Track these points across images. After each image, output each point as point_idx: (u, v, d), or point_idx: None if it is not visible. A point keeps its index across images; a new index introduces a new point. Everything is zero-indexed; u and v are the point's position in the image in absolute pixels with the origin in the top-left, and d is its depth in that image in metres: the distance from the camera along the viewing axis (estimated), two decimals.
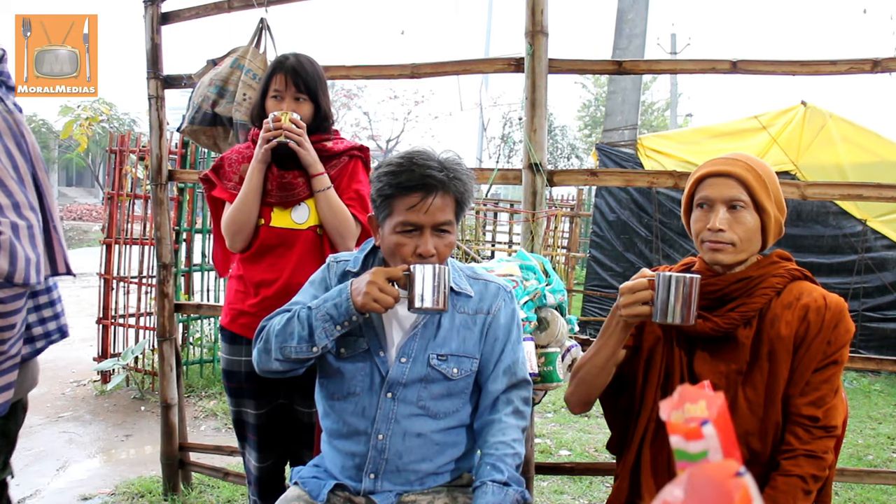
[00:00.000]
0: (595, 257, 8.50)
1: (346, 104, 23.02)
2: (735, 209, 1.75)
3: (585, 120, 27.36)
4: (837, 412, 1.75)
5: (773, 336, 1.75)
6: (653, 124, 28.04)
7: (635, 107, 10.91)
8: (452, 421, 1.92)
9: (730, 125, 7.99)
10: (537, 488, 3.83)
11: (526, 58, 2.77)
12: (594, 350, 1.85)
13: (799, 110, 7.41)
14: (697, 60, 2.76)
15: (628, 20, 10.95)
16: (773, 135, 7.40)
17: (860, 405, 6.06)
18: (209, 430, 4.84)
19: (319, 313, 1.81)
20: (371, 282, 1.74)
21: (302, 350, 1.83)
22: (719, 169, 1.77)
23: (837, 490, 4.03)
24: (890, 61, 2.57)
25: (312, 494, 1.90)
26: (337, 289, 1.84)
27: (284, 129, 2.40)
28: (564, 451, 4.56)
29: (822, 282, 6.16)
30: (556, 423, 5.15)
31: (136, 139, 5.98)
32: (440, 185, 1.80)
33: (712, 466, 0.60)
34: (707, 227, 1.76)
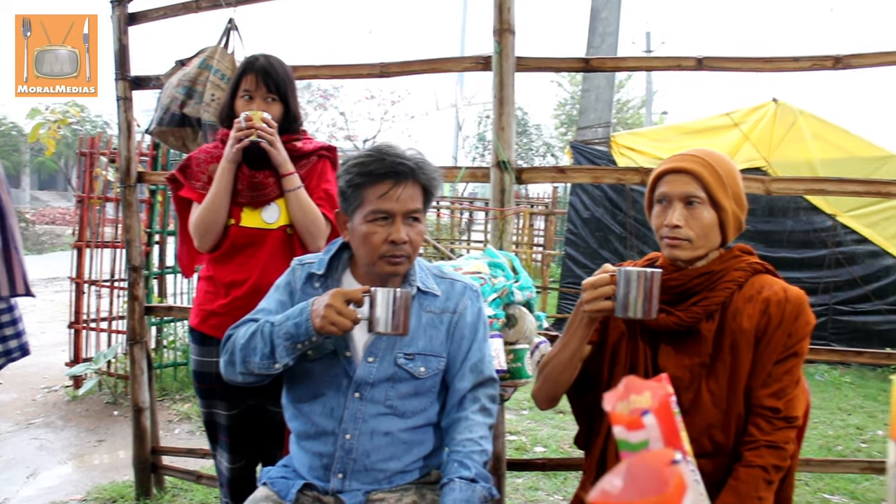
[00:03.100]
0: (570, 255, 8.53)
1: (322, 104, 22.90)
2: (692, 205, 1.77)
3: (561, 118, 27.40)
4: (798, 403, 1.77)
5: (735, 329, 1.77)
6: (628, 122, 28.18)
7: (609, 105, 10.98)
8: (420, 419, 1.93)
9: (702, 122, 8.06)
10: (512, 485, 3.85)
11: (494, 56, 2.78)
12: (559, 346, 1.86)
13: (770, 107, 7.50)
14: (664, 58, 2.78)
15: (601, 19, 11.00)
16: (745, 132, 7.48)
17: (831, 397, 6.15)
18: (183, 434, 4.81)
19: (281, 331, 1.81)
20: (329, 304, 1.74)
21: (264, 366, 1.85)
22: (676, 166, 1.79)
23: (807, 480, 4.09)
24: (851, 58, 2.61)
25: (281, 494, 1.90)
26: (299, 307, 1.83)
27: (257, 129, 2.40)
28: (539, 448, 4.58)
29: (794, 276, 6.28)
30: (531, 420, 5.17)
31: (107, 141, 5.93)
32: (410, 172, 1.83)
33: (650, 455, 0.61)
34: (664, 223, 1.78)
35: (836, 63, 2.62)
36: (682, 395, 1.77)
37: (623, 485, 0.60)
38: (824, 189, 2.69)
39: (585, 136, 10.24)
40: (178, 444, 4.34)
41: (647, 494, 0.58)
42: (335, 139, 21.18)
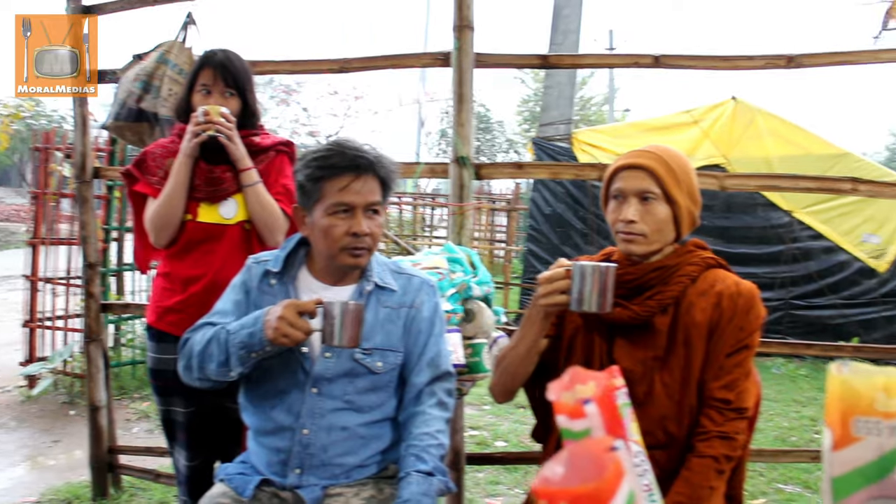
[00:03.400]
0: (531, 250, 8.58)
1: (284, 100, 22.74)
2: (646, 201, 1.79)
3: (525, 115, 27.53)
4: (749, 394, 1.81)
5: (688, 323, 1.80)
6: (591, 119, 28.38)
7: (571, 102, 11.06)
8: (377, 414, 1.94)
9: (663, 119, 8.16)
10: (473, 479, 3.87)
11: (453, 52, 2.80)
12: (516, 340, 1.88)
13: (729, 105, 7.61)
14: (622, 55, 2.82)
15: (564, 16, 11.07)
16: (705, 129, 7.59)
17: (786, 389, 6.26)
18: (142, 432, 4.76)
19: (236, 339, 1.82)
20: (281, 316, 1.74)
21: (220, 374, 1.87)
22: (631, 162, 1.81)
23: (762, 470, 4.16)
24: (803, 57, 2.66)
25: (238, 491, 1.90)
26: (253, 316, 1.84)
27: (215, 123, 2.38)
28: (500, 443, 4.60)
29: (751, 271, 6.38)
30: (492, 414, 5.20)
31: (63, 136, 5.83)
32: (369, 165, 1.85)
33: (590, 442, 0.63)
34: (619, 218, 1.80)
35: (789, 62, 2.68)
36: (637, 388, 1.80)
37: (564, 472, 0.61)
38: (777, 185, 2.75)
39: (547, 132, 10.29)
40: (137, 442, 4.28)
41: (587, 480, 0.59)
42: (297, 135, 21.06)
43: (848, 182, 2.69)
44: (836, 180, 2.71)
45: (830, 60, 2.67)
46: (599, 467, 0.59)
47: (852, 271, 7.49)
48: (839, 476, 0.81)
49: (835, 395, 0.81)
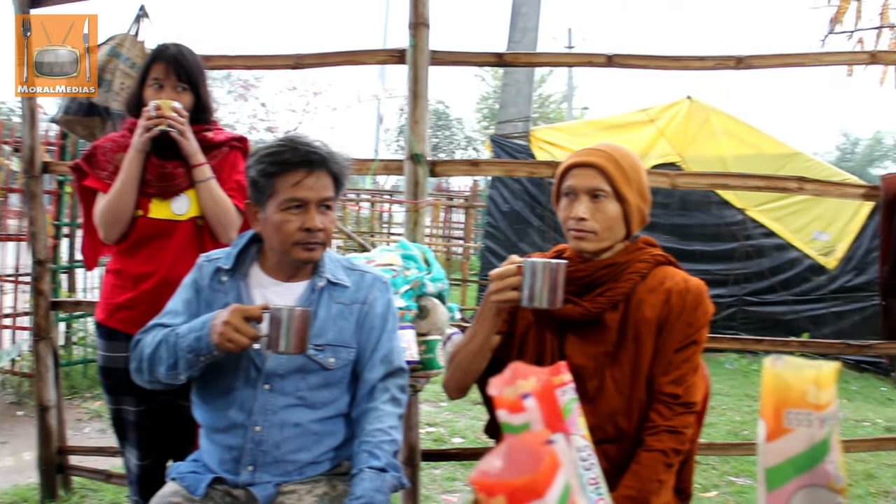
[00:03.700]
0: (489, 247, 8.61)
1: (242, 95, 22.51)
2: (597, 198, 1.81)
3: (484, 112, 27.60)
4: (697, 389, 1.84)
5: (638, 319, 1.82)
6: (550, 116, 28.54)
7: (529, 99, 11.11)
8: (330, 410, 1.94)
9: (619, 118, 8.24)
10: (429, 476, 3.88)
11: (408, 49, 2.80)
12: (469, 336, 1.89)
13: (684, 104, 7.72)
14: (575, 54, 2.86)
15: (522, 14, 11.12)
16: (661, 128, 7.69)
17: (739, 384, 6.38)
18: (94, 432, 4.68)
19: (184, 343, 1.82)
20: (227, 321, 1.74)
21: (170, 377, 1.87)
22: (582, 160, 1.83)
23: (714, 464, 4.24)
24: (752, 59, 2.72)
25: (190, 489, 1.88)
26: (201, 320, 1.84)
27: (167, 118, 2.36)
28: (457, 439, 4.62)
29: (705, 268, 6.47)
30: (449, 411, 5.22)
31: (11, 129, 5.71)
32: (322, 161, 1.86)
33: (528, 435, 0.64)
34: (571, 215, 1.82)
35: (739, 63, 2.73)
36: (588, 383, 1.82)
37: (502, 465, 0.62)
38: (727, 184, 2.80)
39: (505, 130, 10.33)
40: (89, 443, 4.21)
41: (523, 473, 0.60)
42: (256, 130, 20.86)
43: (795, 181, 2.76)
44: (784, 179, 2.78)
45: (777, 62, 2.73)
46: (536, 460, 0.61)
47: (803, 268, 7.66)
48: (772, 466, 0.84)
49: (769, 389, 0.83)
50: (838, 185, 2.93)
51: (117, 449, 2.76)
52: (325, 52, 2.99)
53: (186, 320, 1.93)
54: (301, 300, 1.94)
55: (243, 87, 22.24)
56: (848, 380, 7.20)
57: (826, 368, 0.81)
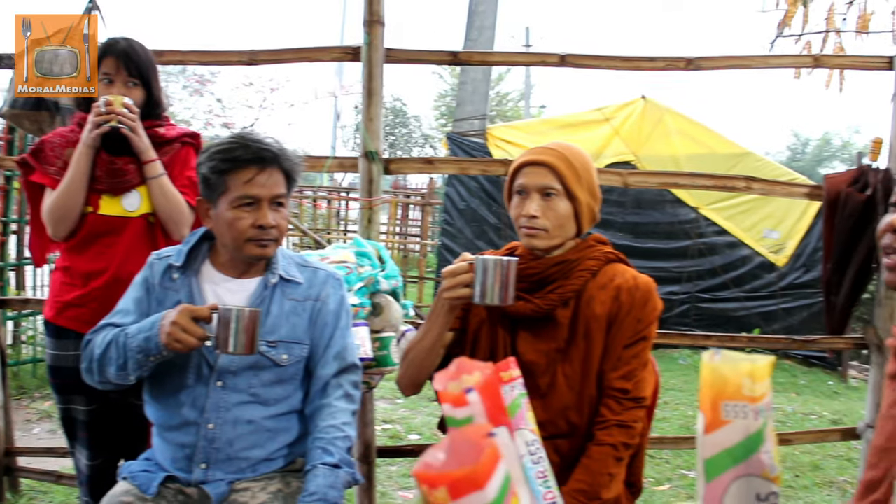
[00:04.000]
0: (446, 245, 8.64)
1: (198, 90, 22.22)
2: (548, 196, 1.83)
3: (441, 110, 27.62)
4: (647, 384, 1.87)
5: (588, 315, 1.85)
6: (508, 114, 28.65)
7: (485, 97, 11.14)
8: (283, 407, 1.94)
9: (575, 116, 8.30)
10: (385, 473, 3.89)
11: (363, 47, 2.80)
12: (422, 333, 1.90)
13: (639, 104, 7.81)
14: (529, 53, 2.91)
15: (479, 12, 11.15)
16: (616, 127, 7.77)
17: (692, 380, 6.49)
18: (43, 433, 4.59)
19: (133, 343, 1.81)
20: (175, 322, 1.74)
21: (120, 377, 1.86)
22: (534, 158, 1.85)
23: (668, 458, 4.32)
24: (701, 60, 2.78)
25: (142, 488, 1.87)
26: (150, 320, 1.83)
27: (117, 114, 2.33)
28: (414, 436, 4.64)
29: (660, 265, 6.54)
30: (406, 408, 5.23)
31: None
32: (274, 158, 1.87)
33: (470, 428, 0.65)
34: (522, 213, 1.84)
35: (688, 64, 2.79)
36: (540, 379, 1.85)
37: (445, 457, 0.64)
38: (677, 183, 2.85)
39: (462, 127, 10.36)
40: (38, 444, 4.14)
41: (464, 465, 0.61)
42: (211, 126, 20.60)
43: (742, 180, 2.83)
44: (732, 178, 2.84)
45: (725, 64, 2.80)
46: (477, 452, 0.62)
47: (754, 265, 7.82)
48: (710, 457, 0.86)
49: (706, 382, 0.86)
50: (784, 185, 3.00)
51: (67, 449, 2.72)
52: (280, 48, 2.97)
53: (137, 319, 1.91)
54: (253, 297, 1.94)
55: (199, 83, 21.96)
56: (797, 374, 7.37)
57: (760, 362, 0.84)
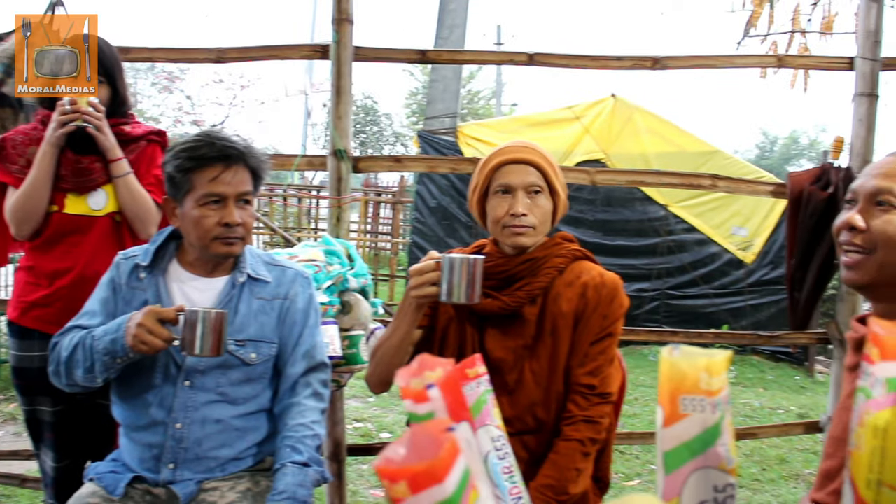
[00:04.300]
0: (417, 243, 8.63)
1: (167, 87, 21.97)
2: (534, 194, 1.85)
3: (413, 108, 27.59)
4: (613, 380, 1.89)
5: (555, 312, 1.86)
6: (479, 112, 28.69)
7: (456, 95, 11.17)
8: (252, 406, 1.94)
9: (546, 115, 8.33)
10: (357, 471, 3.89)
11: (332, 45, 2.80)
12: (390, 331, 1.90)
13: (609, 102, 7.85)
14: (497, 52, 2.91)
15: (450, 10, 11.18)
16: (586, 125, 7.80)
17: None
18: (7, 436, 4.53)
19: (100, 346, 1.80)
20: (140, 324, 1.73)
21: (87, 380, 1.85)
22: (518, 157, 1.86)
23: (638, 453, 4.36)
24: (667, 60, 2.81)
25: (109, 489, 1.86)
26: (117, 321, 1.82)
27: (83, 113, 2.30)
28: (385, 434, 4.64)
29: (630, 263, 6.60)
30: (377, 407, 5.23)
31: None
32: (239, 156, 1.87)
33: (430, 424, 0.66)
34: (510, 212, 1.83)
35: (655, 64, 2.82)
36: (507, 376, 1.86)
37: (405, 452, 0.65)
38: (644, 181, 2.88)
39: (433, 125, 10.37)
40: (2, 447, 4.08)
41: (424, 459, 0.62)
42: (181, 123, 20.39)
43: (708, 178, 2.88)
44: (698, 176, 2.88)
45: (691, 63, 2.84)
46: (436, 447, 0.63)
47: (722, 262, 7.90)
48: (669, 450, 0.88)
49: (665, 377, 0.87)
50: (749, 183, 3.05)
51: (32, 452, 2.69)
52: (248, 46, 2.96)
53: (104, 321, 1.90)
54: (221, 296, 1.93)
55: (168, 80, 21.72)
56: (765, 370, 7.47)
57: (717, 357, 0.85)
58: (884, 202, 1.35)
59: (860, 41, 2.88)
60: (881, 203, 1.35)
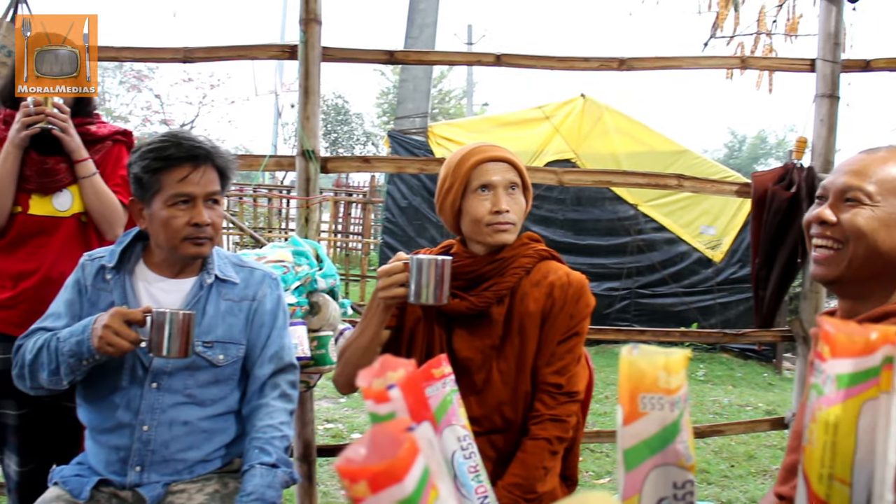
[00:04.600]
0: (388, 243, 8.63)
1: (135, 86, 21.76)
2: (513, 190, 1.87)
3: (384, 107, 27.54)
4: (580, 379, 1.91)
5: (522, 312, 1.88)
6: (451, 112, 28.70)
7: (427, 95, 11.16)
8: (220, 407, 1.93)
9: (516, 115, 8.36)
10: (328, 472, 3.88)
11: (300, 45, 2.80)
12: (358, 332, 1.90)
13: (578, 102, 7.89)
14: (465, 53, 2.94)
15: (420, 10, 11.17)
16: (556, 125, 7.84)
17: None
18: None
19: (65, 348, 1.78)
20: (107, 325, 1.72)
21: (52, 382, 1.84)
22: (496, 155, 1.87)
23: (608, 451, 4.39)
24: (633, 60, 2.85)
25: (74, 493, 1.84)
26: (82, 323, 1.80)
27: (47, 115, 2.28)
28: (357, 435, 4.63)
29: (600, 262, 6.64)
30: (349, 407, 5.22)
31: None
32: (207, 156, 1.86)
33: (391, 424, 0.67)
34: (493, 209, 1.83)
35: (621, 64, 2.85)
36: (475, 376, 1.87)
37: (366, 452, 0.65)
38: (611, 181, 2.91)
39: (403, 125, 10.36)
40: None
41: (384, 458, 0.63)
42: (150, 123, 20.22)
43: (674, 178, 2.91)
44: (664, 176, 2.92)
45: (657, 64, 2.87)
46: (396, 445, 0.64)
47: (691, 261, 7.98)
48: (629, 448, 0.89)
49: (624, 376, 0.89)
50: (714, 182, 3.10)
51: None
52: (215, 45, 2.95)
53: (69, 322, 1.89)
54: (189, 297, 1.92)
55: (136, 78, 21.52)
56: (734, 367, 7.56)
57: (675, 356, 0.87)
58: (852, 199, 1.39)
59: (820, 43, 2.93)
60: (849, 200, 1.40)
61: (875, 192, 1.37)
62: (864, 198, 1.38)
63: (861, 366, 0.76)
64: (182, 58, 2.94)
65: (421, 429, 0.69)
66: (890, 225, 1.37)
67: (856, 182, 1.39)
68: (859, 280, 1.41)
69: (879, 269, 1.39)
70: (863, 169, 1.40)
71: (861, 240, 1.37)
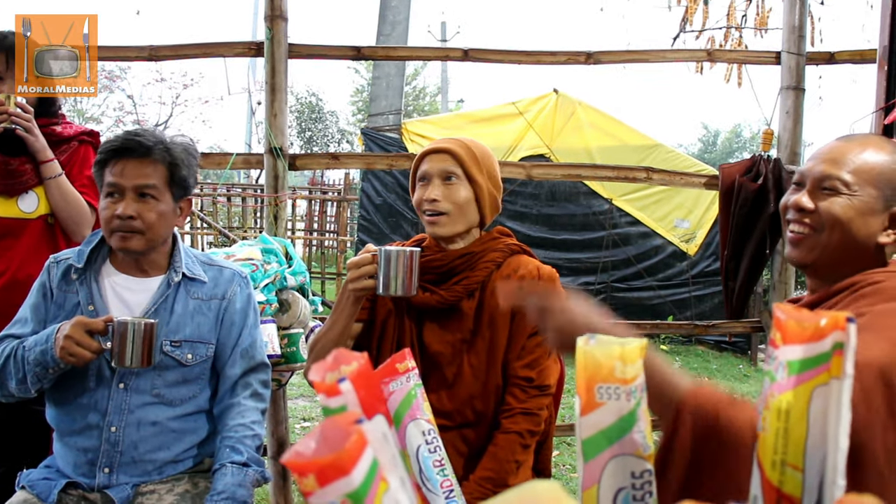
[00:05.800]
0: (363, 240, 8.60)
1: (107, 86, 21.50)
2: (449, 181, 1.86)
3: (358, 105, 27.43)
4: (551, 372, 1.91)
5: (493, 306, 1.88)
6: (425, 109, 28.65)
7: (400, 92, 11.15)
8: (190, 407, 1.92)
9: (489, 111, 8.37)
10: None
11: (266, 42, 2.78)
12: (329, 325, 1.89)
13: (551, 98, 7.91)
14: (433, 48, 2.91)
15: (392, 7, 11.15)
16: (529, 120, 7.85)
17: None
18: None
19: (31, 356, 1.77)
20: (68, 335, 1.70)
21: (21, 391, 1.82)
22: (436, 146, 1.89)
23: None
24: (601, 54, 2.85)
25: (41, 497, 1.82)
26: (46, 332, 1.78)
27: (10, 115, 2.25)
28: None
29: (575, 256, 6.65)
30: None
31: None
32: (143, 149, 1.84)
33: (340, 417, 0.66)
34: (424, 198, 1.87)
35: (588, 58, 2.86)
36: (446, 370, 1.87)
37: (315, 445, 0.65)
38: (580, 175, 2.92)
39: (377, 122, 10.35)
40: None
41: (333, 451, 0.63)
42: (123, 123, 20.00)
43: (643, 171, 2.93)
44: (633, 169, 2.93)
45: (624, 58, 2.89)
46: (345, 438, 0.63)
47: (666, 255, 8.02)
48: (587, 438, 0.89)
49: (581, 366, 0.89)
50: (682, 175, 3.12)
51: None
52: (182, 44, 2.93)
53: (35, 328, 1.87)
54: (156, 296, 1.91)
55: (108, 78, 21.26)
56: (709, 359, 7.62)
57: (631, 345, 0.87)
58: (829, 188, 1.41)
59: (785, 36, 2.96)
60: (826, 189, 1.42)
61: (852, 182, 1.40)
62: (842, 187, 1.40)
63: (811, 352, 0.77)
64: (147, 56, 2.92)
65: (373, 422, 0.68)
66: (865, 213, 1.39)
67: (833, 171, 1.41)
68: (832, 265, 1.44)
69: (853, 256, 1.42)
70: (840, 157, 1.42)
71: (837, 228, 1.40)
